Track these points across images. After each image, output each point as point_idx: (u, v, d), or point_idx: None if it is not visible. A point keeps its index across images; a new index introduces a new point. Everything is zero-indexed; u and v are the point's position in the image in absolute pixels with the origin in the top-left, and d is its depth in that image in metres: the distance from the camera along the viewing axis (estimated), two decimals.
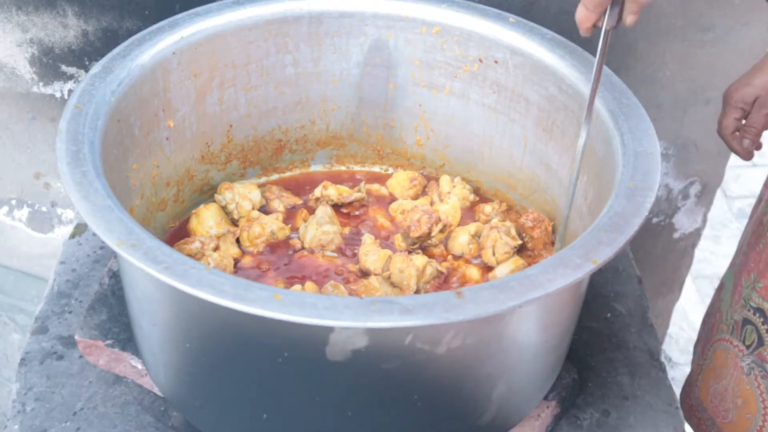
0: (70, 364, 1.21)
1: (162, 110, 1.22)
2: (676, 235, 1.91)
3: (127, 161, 1.15)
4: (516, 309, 0.89)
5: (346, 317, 0.84)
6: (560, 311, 1.04)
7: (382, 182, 1.42)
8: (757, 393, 1.29)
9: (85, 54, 1.55)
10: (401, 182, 1.40)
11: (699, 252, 2.04)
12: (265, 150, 1.41)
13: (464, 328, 0.92)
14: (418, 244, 1.27)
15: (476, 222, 1.33)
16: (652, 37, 1.59)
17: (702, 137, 1.74)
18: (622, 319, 1.35)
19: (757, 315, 1.28)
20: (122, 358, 1.18)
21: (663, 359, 1.30)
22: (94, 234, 1.23)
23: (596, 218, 0.99)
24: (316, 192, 1.35)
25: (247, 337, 0.95)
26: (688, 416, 1.46)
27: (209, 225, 1.28)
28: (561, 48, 1.23)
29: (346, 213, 1.35)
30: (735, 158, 1.43)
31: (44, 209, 1.77)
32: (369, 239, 1.27)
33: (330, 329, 0.88)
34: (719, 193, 2.95)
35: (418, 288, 1.19)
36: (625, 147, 1.07)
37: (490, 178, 1.40)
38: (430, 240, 1.27)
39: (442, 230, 1.28)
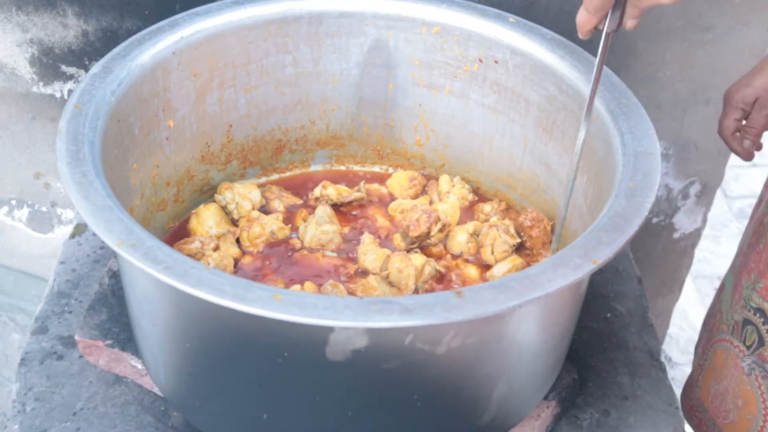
0: (70, 364, 1.21)
1: (162, 110, 1.22)
2: (676, 235, 1.91)
3: (127, 161, 1.15)
4: (516, 309, 0.89)
5: (346, 317, 0.84)
6: (560, 311, 1.04)
7: (382, 182, 1.42)
8: (758, 393, 1.29)
9: (85, 54, 1.55)
10: (401, 182, 1.40)
11: (699, 252, 2.04)
12: (265, 150, 1.41)
13: (464, 328, 0.92)
14: (417, 244, 1.27)
15: (475, 221, 1.33)
16: (652, 37, 1.59)
17: (702, 137, 1.74)
18: (622, 319, 1.35)
19: (758, 315, 1.28)
20: (122, 358, 1.18)
21: (663, 359, 1.30)
22: (94, 234, 1.23)
23: (596, 218, 0.99)
24: (316, 192, 1.35)
25: (247, 337, 0.95)
26: (689, 417, 1.46)
27: (209, 225, 1.28)
28: (561, 48, 1.23)
29: (346, 213, 1.35)
30: (735, 158, 1.43)
31: (44, 209, 1.77)
32: (368, 239, 1.27)
33: (330, 329, 0.88)
34: (719, 193, 2.95)
35: (417, 287, 1.19)
36: (625, 147, 1.07)
37: (490, 178, 1.40)
38: (429, 239, 1.27)
39: (441, 230, 1.28)
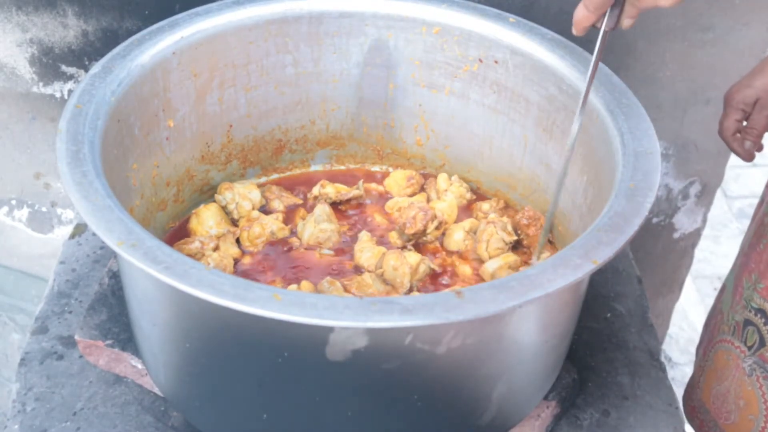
0: (70, 364, 1.21)
1: (162, 110, 1.22)
2: (676, 235, 1.91)
3: (127, 161, 1.15)
4: (516, 309, 0.89)
5: (346, 317, 0.84)
6: (560, 311, 1.04)
7: (381, 182, 1.42)
8: (759, 394, 1.29)
9: (85, 54, 1.55)
10: (399, 181, 1.40)
11: (699, 252, 2.04)
12: (265, 150, 1.41)
13: (464, 328, 0.92)
14: (414, 241, 1.27)
15: (471, 218, 1.33)
16: (652, 37, 1.59)
17: (702, 137, 1.74)
18: (622, 319, 1.35)
19: (759, 316, 1.28)
20: (122, 358, 1.18)
21: (663, 359, 1.30)
22: (94, 234, 1.23)
23: (596, 218, 0.99)
24: (315, 190, 1.35)
25: (247, 337, 0.95)
26: (691, 418, 1.46)
27: (209, 225, 1.28)
28: (561, 48, 1.23)
29: (344, 211, 1.35)
30: (735, 158, 1.43)
31: (44, 209, 1.77)
32: (365, 236, 1.27)
33: (330, 329, 0.88)
34: (719, 193, 2.95)
35: (412, 285, 1.19)
36: (625, 147, 1.07)
37: (490, 178, 1.40)
38: (426, 237, 1.27)
39: (438, 227, 1.28)
